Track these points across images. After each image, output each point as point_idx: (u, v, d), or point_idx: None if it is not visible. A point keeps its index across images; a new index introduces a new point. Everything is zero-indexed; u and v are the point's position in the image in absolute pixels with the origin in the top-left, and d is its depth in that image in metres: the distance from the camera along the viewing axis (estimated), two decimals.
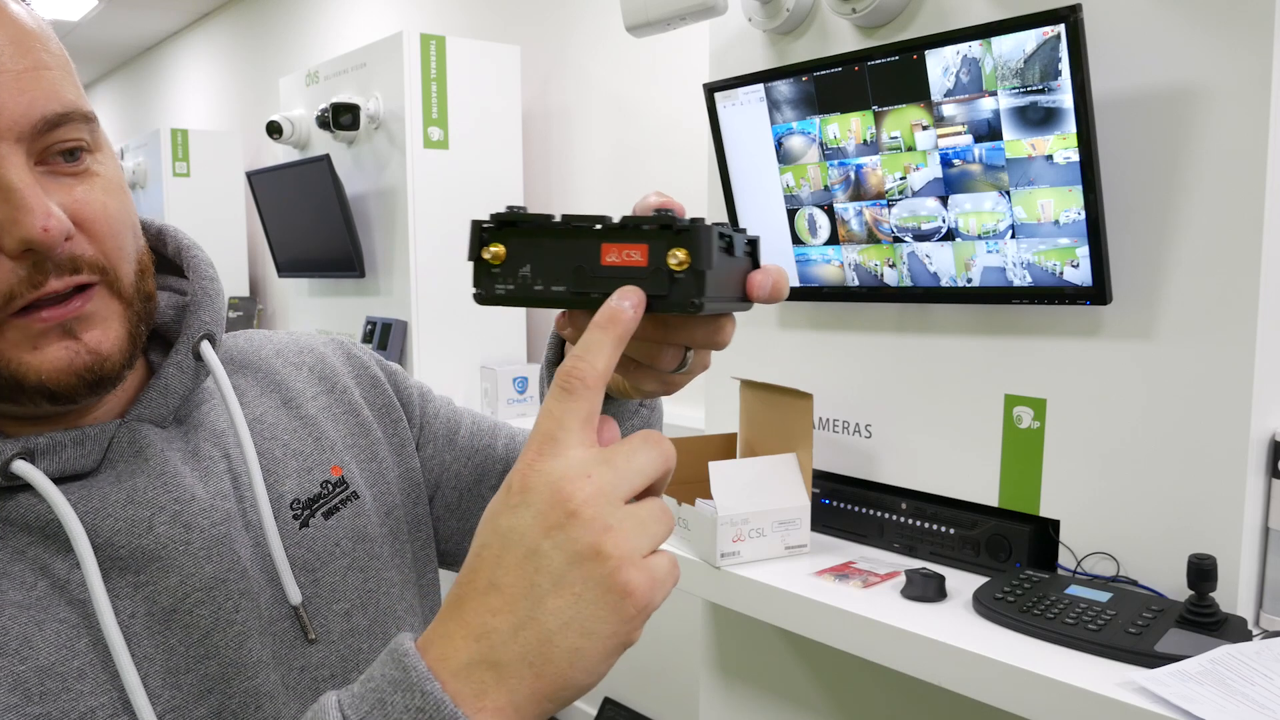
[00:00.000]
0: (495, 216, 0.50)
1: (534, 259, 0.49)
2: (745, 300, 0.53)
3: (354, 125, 3.02)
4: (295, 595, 0.63)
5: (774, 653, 1.82)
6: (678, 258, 0.47)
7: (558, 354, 0.68)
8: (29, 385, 0.54)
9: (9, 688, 0.53)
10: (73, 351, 0.55)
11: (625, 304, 0.46)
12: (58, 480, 0.57)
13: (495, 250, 0.50)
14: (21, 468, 0.55)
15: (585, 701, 2.98)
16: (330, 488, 0.69)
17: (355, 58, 3.04)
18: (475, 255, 0.50)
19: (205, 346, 0.64)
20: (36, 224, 0.51)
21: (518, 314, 2.97)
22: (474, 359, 2.91)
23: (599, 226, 0.48)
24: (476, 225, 0.50)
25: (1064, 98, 1.28)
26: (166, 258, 0.69)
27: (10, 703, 0.52)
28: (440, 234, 2.81)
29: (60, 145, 0.54)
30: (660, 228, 0.48)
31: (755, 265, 0.54)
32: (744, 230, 0.53)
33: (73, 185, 0.55)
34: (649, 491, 0.46)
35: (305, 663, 0.64)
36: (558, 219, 0.49)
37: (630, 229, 0.48)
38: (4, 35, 0.52)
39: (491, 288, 0.50)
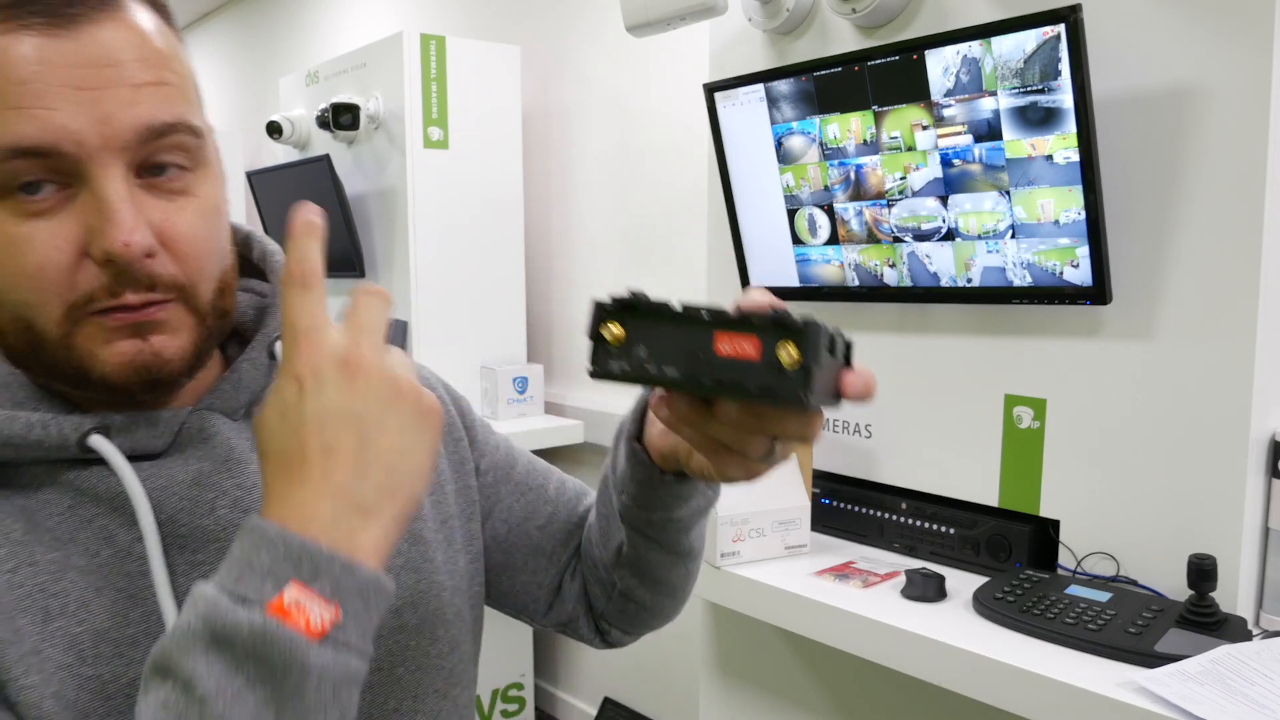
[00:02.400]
0: (616, 299, 0.53)
1: (650, 342, 0.53)
2: (837, 397, 0.55)
3: (354, 125, 3.02)
4: None
5: (774, 653, 1.82)
6: (789, 354, 0.50)
7: (638, 426, 0.69)
8: (93, 376, 0.57)
9: (64, 647, 0.55)
10: (138, 349, 0.58)
11: (311, 215, 0.53)
12: (129, 458, 0.60)
13: (614, 330, 0.53)
14: (96, 442, 0.59)
15: (585, 702, 2.98)
16: None
17: (355, 58, 3.04)
18: (594, 333, 0.54)
19: (279, 346, 0.67)
20: (119, 238, 0.54)
21: (518, 315, 2.97)
22: (474, 359, 2.91)
23: (715, 317, 0.52)
24: (599, 305, 0.54)
25: (1064, 98, 1.28)
26: (251, 261, 0.72)
27: (65, 661, 0.55)
28: (440, 234, 2.81)
29: (161, 158, 0.57)
30: (774, 324, 0.50)
31: (848, 365, 0.56)
32: (840, 331, 0.55)
33: (167, 203, 0.57)
34: None
35: None
36: (677, 307, 0.52)
37: (745, 322, 0.51)
38: (132, 50, 0.55)
39: (606, 364, 0.53)
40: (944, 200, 1.45)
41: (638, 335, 0.53)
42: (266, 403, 0.52)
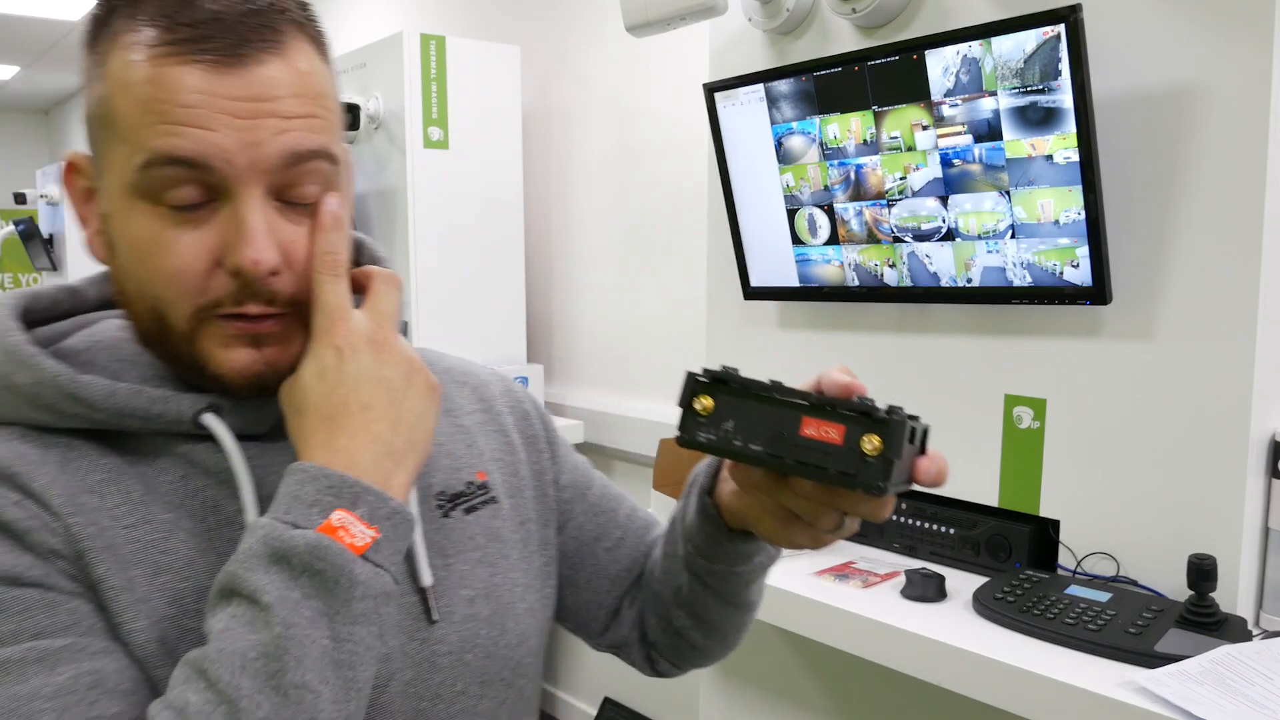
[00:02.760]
0: (709, 373, 0.57)
1: (738, 416, 0.56)
2: (909, 481, 0.57)
3: (354, 125, 3.02)
4: (427, 578, 0.70)
5: (774, 653, 1.82)
6: (872, 444, 0.52)
7: (712, 481, 0.72)
8: (209, 373, 0.64)
9: (168, 600, 0.61)
10: (252, 359, 0.64)
11: (335, 207, 0.64)
12: (236, 437, 0.66)
13: (705, 402, 0.57)
14: (208, 420, 0.65)
15: (585, 702, 2.99)
16: (474, 488, 0.77)
17: (355, 58, 3.04)
18: (686, 403, 0.58)
19: None
20: (250, 255, 0.60)
21: (518, 315, 2.97)
22: (474, 359, 2.91)
23: (804, 401, 0.55)
24: (692, 377, 0.58)
25: (1064, 98, 1.27)
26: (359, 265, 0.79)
27: (168, 613, 0.61)
28: (440, 234, 2.81)
29: (299, 181, 0.62)
30: (862, 414, 0.53)
31: (923, 450, 0.58)
32: (918, 418, 0.57)
33: (296, 226, 0.63)
34: None
35: (426, 636, 0.69)
36: (767, 386, 0.55)
37: (832, 409, 0.54)
38: (288, 88, 0.61)
39: (695, 434, 0.57)
40: (944, 200, 1.45)
41: (727, 409, 0.56)
42: (303, 367, 0.61)
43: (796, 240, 1.67)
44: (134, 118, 0.59)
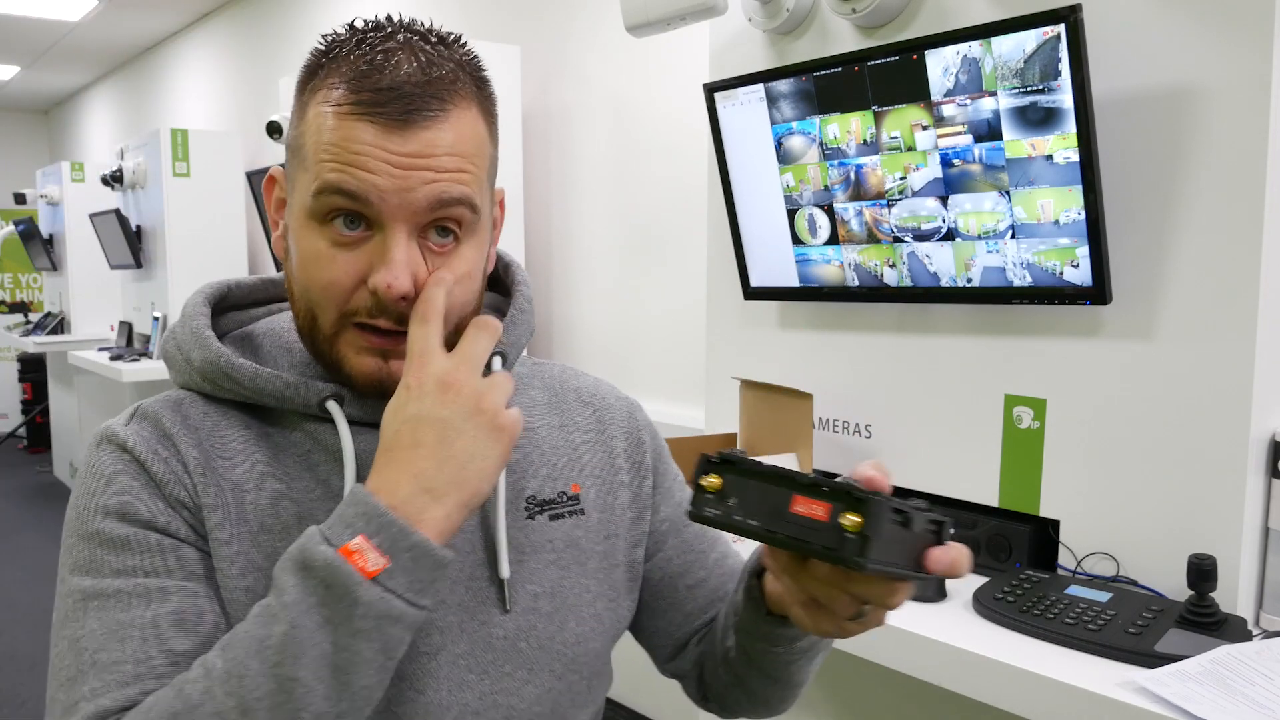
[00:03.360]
0: (721, 454, 0.63)
1: (740, 494, 0.62)
2: (914, 568, 0.62)
3: None
4: (505, 571, 0.79)
5: None
6: (851, 520, 0.57)
7: (758, 566, 0.79)
8: (343, 372, 0.76)
9: (265, 555, 0.73)
10: (378, 367, 0.75)
11: (444, 274, 0.72)
12: (356, 423, 0.78)
13: (713, 481, 0.63)
14: (331, 406, 0.77)
15: None
16: (565, 498, 0.86)
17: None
18: (696, 480, 0.64)
19: (495, 361, 0.83)
20: (386, 279, 0.71)
21: None
22: None
23: (796, 481, 0.60)
24: (703, 457, 0.64)
25: (1064, 98, 1.27)
26: (504, 281, 0.91)
27: (263, 566, 0.72)
28: None
29: (442, 223, 0.73)
30: (845, 493, 0.58)
31: (939, 541, 0.63)
32: (930, 508, 0.62)
33: (434, 259, 0.74)
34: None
35: (487, 619, 0.79)
36: (767, 467, 0.61)
37: (818, 489, 0.59)
38: (445, 147, 0.71)
39: (702, 509, 0.63)
40: (944, 200, 1.45)
41: (731, 487, 0.63)
42: (389, 403, 0.69)
43: (796, 240, 1.67)
44: (317, 154, 0.72)
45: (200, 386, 0.79)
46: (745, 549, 0.90)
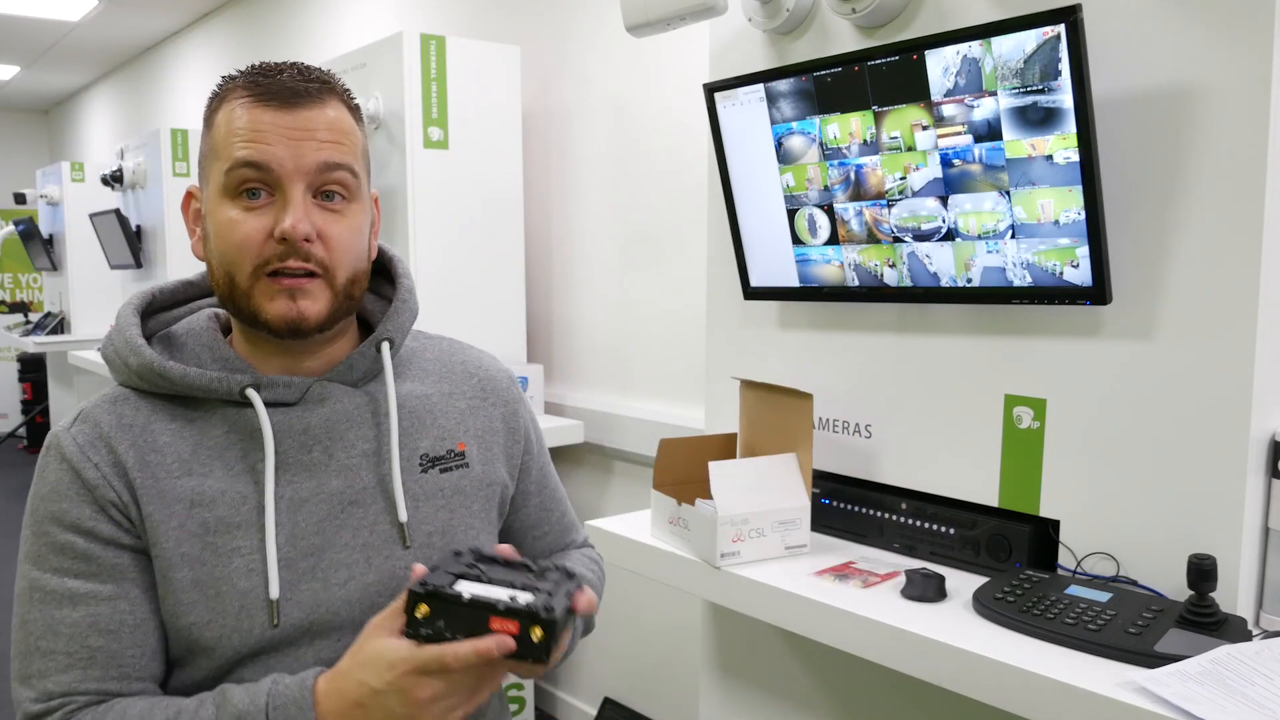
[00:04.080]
0: (425, 588, 0.80)
1: (447, 617, 0.79)
2: (572, 635, 0.98)
3: None
4: (403, 515, 0.99)
5: (774, 653, 1.82)
6: (537, 634, 0.79)
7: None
8: (260, 320, 0.91)
9: (198, 524, 0.91)
10: (288, 307, 0.90)
11: (493, 644, 0.80)
12: (271, 404, 0.95)
13: (423, 609, 0.80)
14: (250, 393, 0.93)
15: (585, 702, 2.98)
16: (452, 455, 1.04)
17: (355, 58, 3.04)
18: (410, 610, 0.80)
19: (385, 346, 1.01)
20: (289, 222, 0.88)
21: (518, 315, 2.97)
22: None
23: (490, 607, 0.79)
24: (411, 592, 0.80)
25: (1064, 98, 1.28)
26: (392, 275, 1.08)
27: (196, 533, 0.90)
28: (440, 234, 2.81)
29: (329, 186, 0.92)
30: (528, 614, 0.79)
31: (572, 611, 0.86)
32: (555, 608, 0.81)
33: (327, 214, 0.92)
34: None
35: (391, 554, 0.99)
36: (466, 598, 0.79)
37: (510, 611, 0.79)
38: (325, 123, 0.92)
39: (418, 629, 0.80)
40: (944, 200, 1.45)
41: (438, 612, 0.79)
42: (384, 664, 0.81)
43: (796, 240, 1.67)
44: (228, 141, 0.90)
45: (137, 384, 0.95)
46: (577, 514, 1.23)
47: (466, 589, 0.80)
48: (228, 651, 0.90)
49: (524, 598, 0.80)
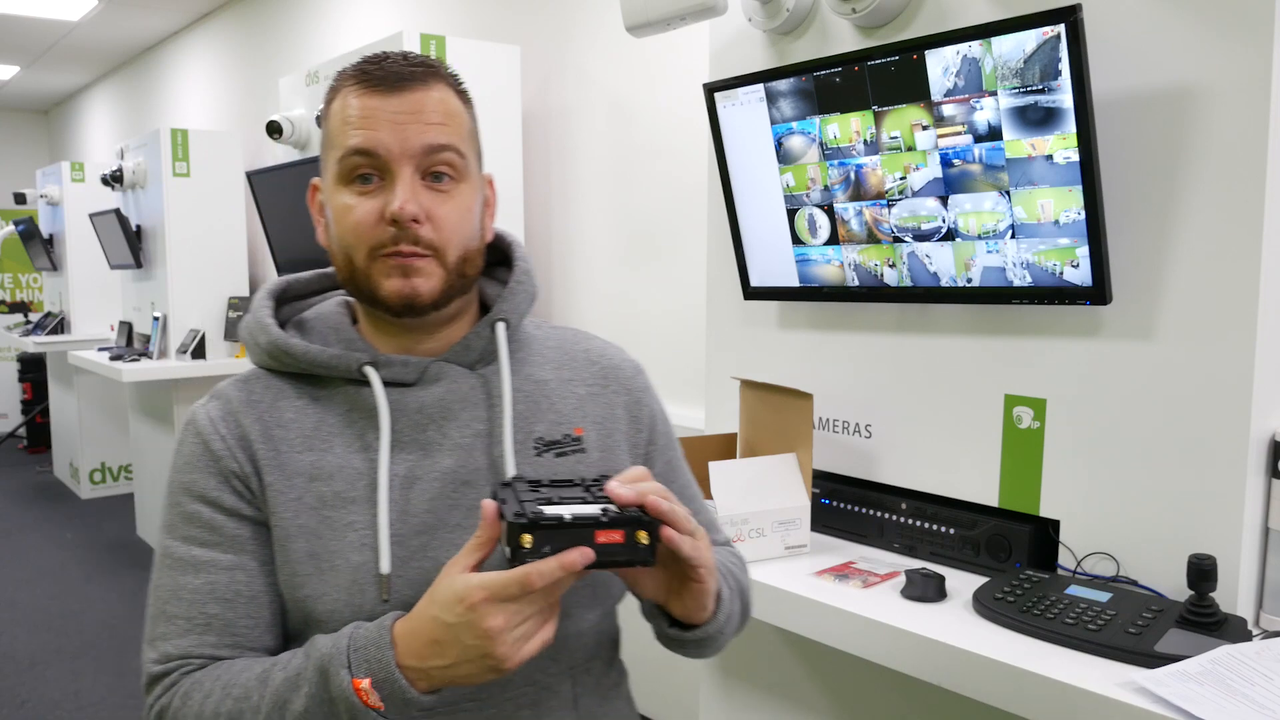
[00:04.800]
0: (523, 517, 0.79)
1: (552, 542, 0.79)
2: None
3: None
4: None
5: (774, 653, 1.82)
6: (642, 536, 0.81)
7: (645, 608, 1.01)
8: (378, 299, 0.94)
9: (315, 497, 0.94)
10: (403, 284, 0.93)
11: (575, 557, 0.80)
12: (389, 383, 0.97)
13: (526, 539, 0.79)
14: (368, 371, 0.96)
15: None
16: (569, 439, 1.03)
17: (355, 58, 3.03)
18: (514, 543, 0.79)
19: (499, 327, 1.02)
20: (396, 204, 0.90)
21: None
22: None
23: (593, 521, 0.80)
24: (510, 524, 0.79)
25: (1064, 98, 1.27)
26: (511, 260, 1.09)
27: (313, 506, 0.93)
28: None
29: (437, 167, 0.93)
30: (631, 521, 0.81)
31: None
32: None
33: (435, 195, 0.93)
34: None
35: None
36: (568, 518, 0.80)
37: (612, 522, 0.80)
38: (431, 105, 0.93)
39: (525, 561, 0.78)
40: (944, 200, 1.45)
41: (542, 539, 0.79)
42: (454, 597, 0.81)
43: (796, 240, 1.67)
44: (338, 130, 0.94)
45: (266, 363, 1.00)
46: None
47: (565, 510, 0.81)
48: (341, 625, 0.91)
49: (614, 507, 0.82)
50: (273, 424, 0.96)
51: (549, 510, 0.80)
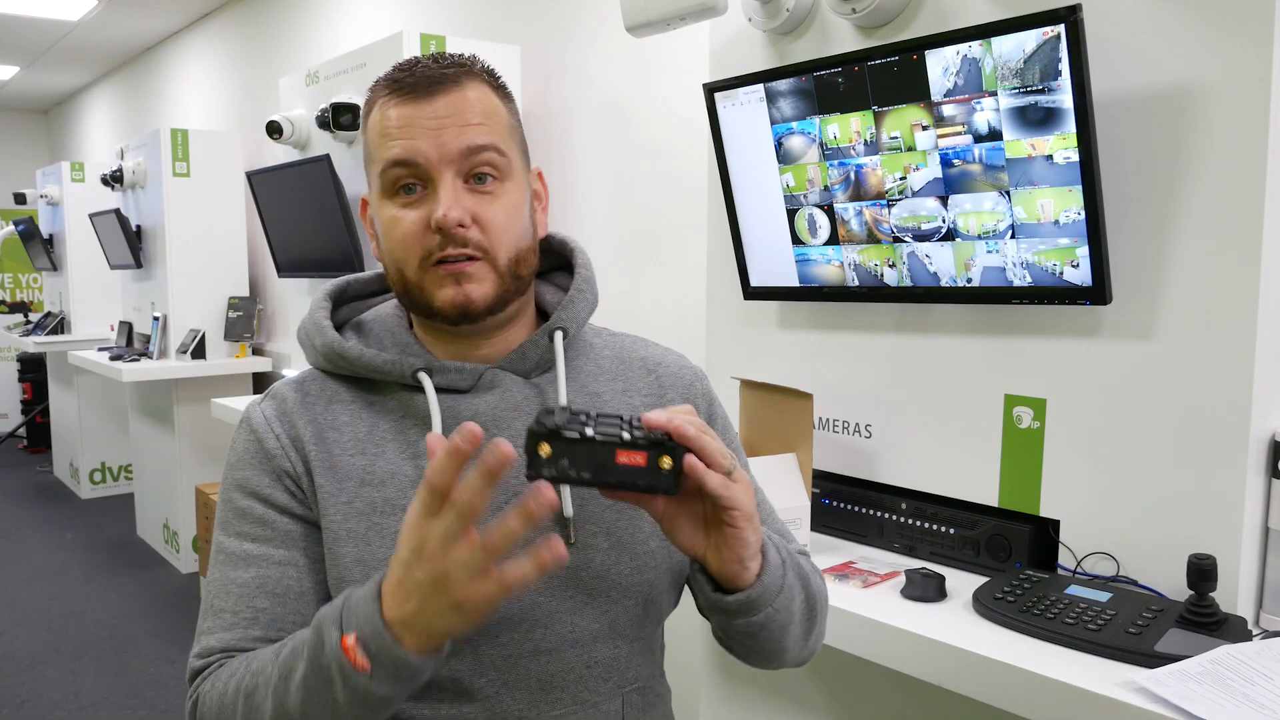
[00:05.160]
0: (545, 426, 0.76)
1: (570, 455, 0.76)
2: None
3: (354, 125, 3.02)
4: (568, 509, 0.94)
5: None
6: (667, 463, 0.77)
7: (692, 563, 0.93)
8: (433, 310, 0.92)
9: (366, 502, 0.92)
10: (455, 291, 0.91)
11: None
12: (444, 390, 0.95)
13: (545, 449, 0.75)
14: (422, 377, 0.95)
15: None
16: None
17: (355, 58, 3.04)
18: (531, 450, 0.75)
19: (558, 336, 0.99)
20: (440, 211, 0.88)
21: None
22: None
23: (616, 439, 0.76)
24: (531, 430, 0.75)
25: (1064, 98, 1.28)
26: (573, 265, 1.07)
27: (363, 511, 0.91)
28: None
29: (479, 169, 0.91)
30: (655, 444, 0.77)
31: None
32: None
33: (480, 197, 0.91)
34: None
35: None
36: (591, 433, 0.76)
37: (635, 443, 0.77)
38: (466, 107, 0.91)
39: (539, 470, 0.75)
40: (944, 200, 1.45)
41: (560, 451, 0.75)
42: (402, 532, 0.78)
43: (796, 240, 1.67)
44: (378, 143, 0.92)
45: (322, 365, 0.99)
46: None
47: (589, 428, 0.77)
48: None
49: (641, 431, 0.78)
50: (326, 426, 0.95)
51: (572, 425, 0.77)
